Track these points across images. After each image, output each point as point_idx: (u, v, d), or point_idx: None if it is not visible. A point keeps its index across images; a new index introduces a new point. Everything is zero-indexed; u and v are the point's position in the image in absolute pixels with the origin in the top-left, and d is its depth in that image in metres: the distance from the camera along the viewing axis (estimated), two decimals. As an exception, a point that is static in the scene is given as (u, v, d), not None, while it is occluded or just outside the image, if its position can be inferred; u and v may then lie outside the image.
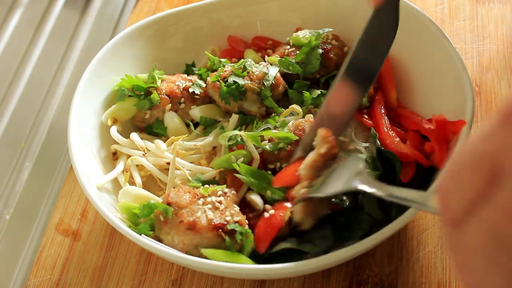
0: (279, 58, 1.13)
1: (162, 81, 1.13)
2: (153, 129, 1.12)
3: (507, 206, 0.47)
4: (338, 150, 0.91)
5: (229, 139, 1.03)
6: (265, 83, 1.08)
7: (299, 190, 0.89)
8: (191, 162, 1.06)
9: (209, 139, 1.08)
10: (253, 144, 1.02)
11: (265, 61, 1.15)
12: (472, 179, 0.50)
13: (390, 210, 0.92)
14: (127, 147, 1.09)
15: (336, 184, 0.85)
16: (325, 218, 0.91)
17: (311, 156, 0.90)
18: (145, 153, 1.06)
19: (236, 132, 1.03)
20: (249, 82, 1.08)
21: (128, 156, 1.08)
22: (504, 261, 0.48)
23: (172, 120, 1.11)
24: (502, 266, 0.49)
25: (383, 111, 1.09)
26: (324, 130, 0.91)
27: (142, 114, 1.12)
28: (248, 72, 1.09)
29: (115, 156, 1.11)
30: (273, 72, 1.10)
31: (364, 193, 0.81)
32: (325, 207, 0.90)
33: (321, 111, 0.98)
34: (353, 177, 0.84)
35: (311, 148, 0.92)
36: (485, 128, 0.50)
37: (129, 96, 1.13)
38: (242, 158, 1.01)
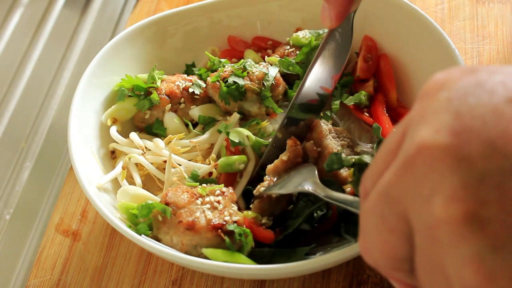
0: (279, 59, 1.14)
1: (162, 81, 1.13)
2: (153, 129, 1.12)
3: (398, 167, 0.49)
4: (301, 159, 0.99)
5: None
6: (265, 83, 1.08)
7: (259, 189, 0.97)
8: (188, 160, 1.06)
9: (205, 136, 1.08)
10: (252, 148, 1.03)
11: (265, 61, 1.15)
12: (384, 155, 0.53)
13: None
14: (126, 147, 1.09)
15: (289, 186, 0.95)
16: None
17: (275, 161, 0.99)
18: (144, 152, 1.06)
19: (246, 132, 1.03)
20: (249, 82, 1.08)
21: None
22: (390, 218, 0.51)
23: (171, 120, 1.11)
24: (387, 223, 0.51)
25: (385, 110, 1.09)
26: (291, 140, 0.99)
27: (142, 114, 1.12)
28: (248, 73, 1.09)
29: (113, 155, 1.11)
30: (273, 72, 1.10)
31: (311, 194, 0.91)
32: (279, 207, 0.98)
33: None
34: (304, 181, 0.93)
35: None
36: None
37: (129, 96, 1.13)
38: (243, 165, 1.02)
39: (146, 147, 1.08)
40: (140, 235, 0.93)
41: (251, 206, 0.97)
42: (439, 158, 0.45)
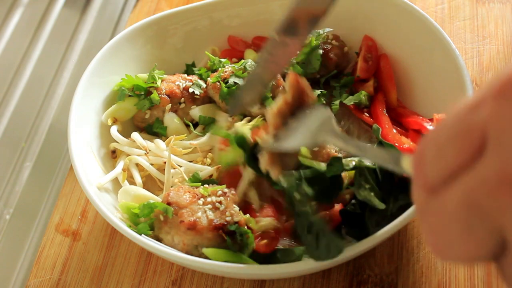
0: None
1: (162, 81, 1.13)
2: (153, 129, 1.12)
3: (488, 177, 0.46)
4: (309, 98, 0.87)
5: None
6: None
7: (264, 138, 0.85)
8: (189, 161, 1.06)
9: (205, 138, 1.08)
10: None
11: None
12: (457, 148, 0.48)
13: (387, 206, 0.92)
14: (127, 147, 1.09)
15: (301, 136, 0.82)
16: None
17: (277, 103, 0.85)
18: (147, 152, 1.06)
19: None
20: None
21: (128, 156, 1.09)
22: (476, 228, 0.48)
23: (171, 121, 1.11)
24: (473, 232, 0.49)
25: (384, 110, 1.09)
26: (293, 74, 0.86)
27: (142, 114, 1.12)
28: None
29: (114, 154, 1.11)
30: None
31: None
32: (291, 158, 0.88)
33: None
34: (319, 129, 0.79)
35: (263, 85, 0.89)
36: (474, 99, 0.49)
37: (129, 96, 1.13)
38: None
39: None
40: (140, 234, 0.93)
41: (260, 161, 0.88)
42: None
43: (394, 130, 1.06)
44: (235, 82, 1.08)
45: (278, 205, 0.99)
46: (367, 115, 1.10)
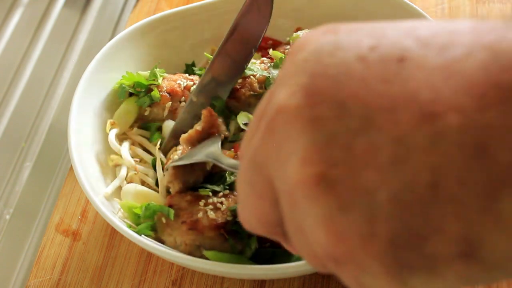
0: (282, 56, 1.13)
1: (163, 79, 1.13)
2: (150, 140, 1.11)
3: (262, 131, 0.48)
4: (217, 130, 1.00)
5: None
6: (267, 87, 1.09)
7: (172, 157, 0.99)
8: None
9: None
10: None
11: (267, 58, 1.15)
12: (255, 120, 0.52)
13: None
14: (126, 157, 1.07)
15: (194, 156, 0.96)
16: None
17: (189, 131, 1.00)
18: (136, 173, 1.05)
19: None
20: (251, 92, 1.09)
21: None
22: (258, 185, 0.50)
23: (170, 128, 1.10)
24: (256, 190, 0.50)
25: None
26: (207, 110, 1.00)
27: (142, 110, 1.12)
28: (249, 77, 1.10)
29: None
30: (275, 74, 1.10)
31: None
32: (193, 176, 0.98)
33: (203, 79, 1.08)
34: (208, 151, 0.95)
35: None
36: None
37: (130, 95, 1.12)
38: None
39: (142, 159, 1.07)
40: (141, 235, 0.93)
41: (164, 173, 0.98)
42: (293, 120, 0.44)
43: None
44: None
45: None
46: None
